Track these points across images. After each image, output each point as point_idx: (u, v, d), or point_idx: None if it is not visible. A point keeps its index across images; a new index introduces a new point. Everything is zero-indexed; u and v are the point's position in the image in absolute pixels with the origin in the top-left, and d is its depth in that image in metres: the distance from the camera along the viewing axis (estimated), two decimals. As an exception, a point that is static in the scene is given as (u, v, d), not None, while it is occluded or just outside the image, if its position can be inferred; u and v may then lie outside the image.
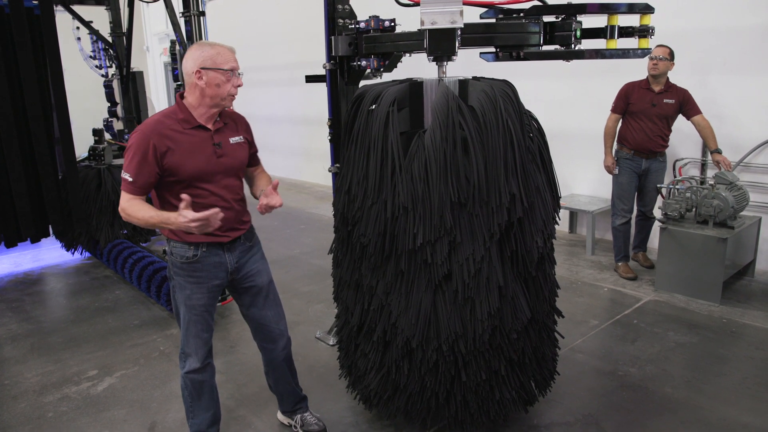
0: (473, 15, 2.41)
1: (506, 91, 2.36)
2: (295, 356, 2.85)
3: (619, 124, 4.79)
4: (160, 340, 3.96)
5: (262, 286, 2.62)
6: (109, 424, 3.03)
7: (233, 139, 2.43)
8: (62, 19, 5.14)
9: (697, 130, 4.60)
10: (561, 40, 2.37)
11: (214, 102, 2.30)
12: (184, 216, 2.11)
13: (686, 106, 4.58)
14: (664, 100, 4.56)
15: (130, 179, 2.23)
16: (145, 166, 2.22)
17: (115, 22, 6.07)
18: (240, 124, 2.51)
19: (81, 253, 5.81)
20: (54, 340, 4.02)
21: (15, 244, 4.92)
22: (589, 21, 2.44)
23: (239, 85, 2.36)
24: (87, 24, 5.93)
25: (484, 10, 2.51)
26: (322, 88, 3.51)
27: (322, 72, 3.41)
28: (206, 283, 2.45)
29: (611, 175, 4.89)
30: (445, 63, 2.46)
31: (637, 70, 4.69)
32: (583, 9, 2.31)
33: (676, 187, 4.52)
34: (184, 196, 2.16)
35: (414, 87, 2.50)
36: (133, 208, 2.24)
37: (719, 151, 4.50)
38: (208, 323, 2.52)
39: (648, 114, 4.59)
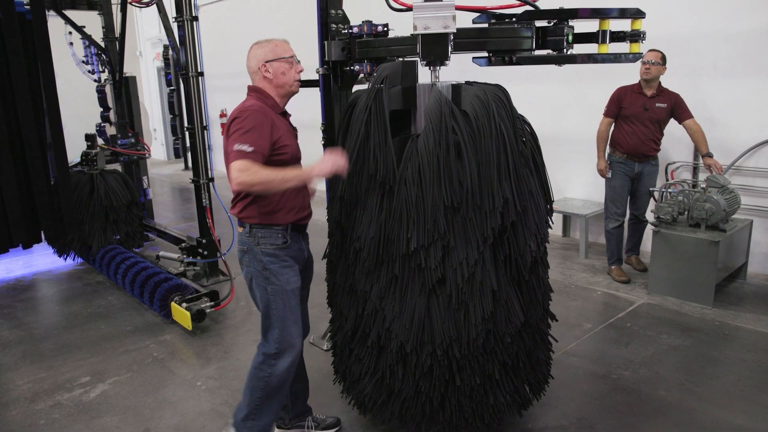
0: (466, 20, 2.42)
1: (499, 95, 2.37)
2: (289, 361, 2.84)
3: (612, 127, 4.82)
4: (153, 346, 3.94)
5: (310, 279, 2.73)
6: (102, 431, 3.00)
7: (295, 127, 2.61)
8: (54, 24, 5.12)
9: (689, 134, 4.63)
10: (553, 44, 2.38)
11: (285, 90, 2.48)
12: (330, 158, 2.30)
13: (678, 110, 4.60)
14: (656, 104, 4.59)
15: (250, 149, 2.22)
16: (262, 140, 2.27)
17: (108, 27, 6.06)
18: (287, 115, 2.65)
19: (73, 259, 5.77)
20: (46, 346, 3.99)
21: (6, 250, 4.88)
22: (581, 26, 2.46)
23: (301, 71, 2.53)
24: (79, 29, 5.91)
25: (477, 15, 2.52)
26: (315, 93, 3.52)
27: (316, 77, 3.41)
28: (295, 266, 2.51)
29: (604, 179, 4.92)
30: (438, 68, 2.47)
31: (629, 74, 4.71)
32: (575, 14, 2.32)
33: (669, 190, 4.54)
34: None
35: (407, 66, 2.53)
36: (255, 169, 2.18)
37: (711, 155, 4.53)
38: (300, 309, 2.55)
39: (640, 118, 4.61)
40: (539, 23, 2.39)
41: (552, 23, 2.39)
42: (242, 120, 2.29)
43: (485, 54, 2.47)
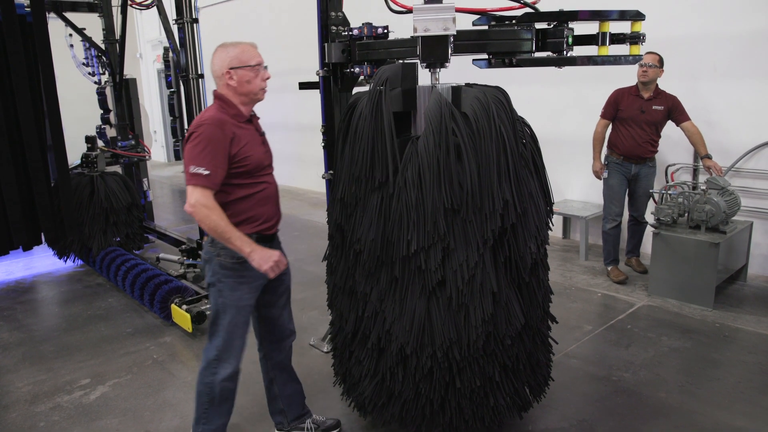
0: (466, 22, 2.42)
1: (499, 97, 2.37)
2: (289, 363, 2.84)
3: (609, 129, 4.82)
4: (153, 348, 3.93)
5: (288, 285, 2.68)
6: (102, 433, 3.00)
7: (263, 132, 2.57)
8: (55, 26, 5.13)
9: (687, 136, 4.64)
10: (553, 46, 2.39)
11: (249, 98, 2.40)
12: (273, 258, 2.31)
13: (675, 112, 4.61)
14: (653, 107, 4.59)
15: (206, 172, 2.21)
16: (218, 157, 2.24)
17: (108, 29, 6.08)
18: (254, 119, 2.59)
19: (73, 261, 5.77)
20: (46, 348, 3.99)
21: (7, 252, 4.88)
22: (580, 28, 2.46)
23: (267, 78, 2.43)
24: (80, 31, 5.92)
25: (477, 17, 2.52)
26: (315, 95, 3.52)
27: (316, 79, 3.42)
28: (254, 282, 2.47)
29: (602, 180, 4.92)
30: (438, 70, 2.47)
31: (628, 76, 4.72)
32: (575, 16, 2.32)
33: (669, 192, 4.54)
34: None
35: (407, 68, 2.53)
36: (215, 211, 2.23)
37: (709, 157, 4.53)
38: (249, 325, 2.54)
39: (637, 120, 4.62)
40: (539, 25, 2.40)
41: (552, 25, 2.39)
42: (198, 135, 2.25)
43: (485, 56, 2.47)
